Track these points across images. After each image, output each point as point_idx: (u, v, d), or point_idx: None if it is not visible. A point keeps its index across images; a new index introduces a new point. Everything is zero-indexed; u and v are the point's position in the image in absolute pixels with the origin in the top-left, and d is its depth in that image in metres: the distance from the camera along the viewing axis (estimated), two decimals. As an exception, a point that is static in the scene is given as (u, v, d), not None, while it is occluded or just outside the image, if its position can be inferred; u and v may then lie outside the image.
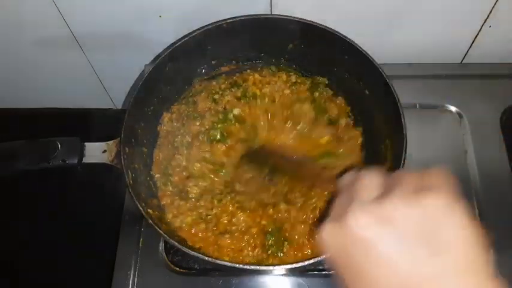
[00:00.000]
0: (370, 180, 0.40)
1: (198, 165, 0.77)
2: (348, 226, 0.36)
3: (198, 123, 0.80)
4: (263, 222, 0.72)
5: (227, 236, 0.71)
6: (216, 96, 0.82)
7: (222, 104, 0.81)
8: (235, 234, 0.71)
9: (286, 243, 0.71)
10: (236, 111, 0.81)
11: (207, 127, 0.79)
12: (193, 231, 0.72)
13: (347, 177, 0.44)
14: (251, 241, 0.71)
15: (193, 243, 0.72)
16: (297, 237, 0.71)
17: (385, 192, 0.37)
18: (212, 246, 0.71)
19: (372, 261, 0.35)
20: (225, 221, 0.73)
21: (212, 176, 0.77)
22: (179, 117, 0.82)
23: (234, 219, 0.72)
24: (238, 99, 0.82)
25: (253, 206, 0.74)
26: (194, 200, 0.75)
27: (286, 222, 0.72)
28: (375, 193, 0.38)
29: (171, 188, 0.76)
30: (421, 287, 0.34)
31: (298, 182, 0.75)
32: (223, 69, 0.86)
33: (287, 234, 0.71)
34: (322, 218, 0.68)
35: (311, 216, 0.73)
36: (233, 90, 0.83)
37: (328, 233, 0.38)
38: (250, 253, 0.71)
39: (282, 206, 0.73)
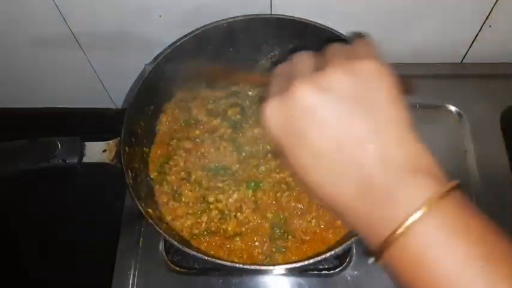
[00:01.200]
0: (306, 57, 0.43)
1: (199, 173, 0.76)
2: (291, 97, 0.38)
3: (197, 132, 0.80)
4: (268, 215, 0.72)
5: (237, 238, 0.71)
6: (211, 106, 0.82)
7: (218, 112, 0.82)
8: (247, 235, 0.71)
9: (290, 236, 0.71)
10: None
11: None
12: (196, 236, 0.72)
13: (281, 65, 0.46)
14: (262, 238, 0.71)
15: (197, 245, 0.72)
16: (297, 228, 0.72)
17: (322, 65, 0.40)
18: (222, 250, 0.71)
19: (315, 125, 0.38)
20: (234, 225, 0.72)
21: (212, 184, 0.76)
22: (176, 118, 0.82)
23: (241, 217, 0.72)
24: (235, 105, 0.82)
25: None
26: (185, 205, 0.74)
27: (287, 211, 0.73)
28: (312, 67, 0.41)
29: (166, 188, 0.76)
30: (357, 143, 0.37)
31: None
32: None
33: (290, 226, 0.72)
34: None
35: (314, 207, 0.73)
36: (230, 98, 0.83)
37: (272, 108, 0.40)
38: (260, 250, 0.71)
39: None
